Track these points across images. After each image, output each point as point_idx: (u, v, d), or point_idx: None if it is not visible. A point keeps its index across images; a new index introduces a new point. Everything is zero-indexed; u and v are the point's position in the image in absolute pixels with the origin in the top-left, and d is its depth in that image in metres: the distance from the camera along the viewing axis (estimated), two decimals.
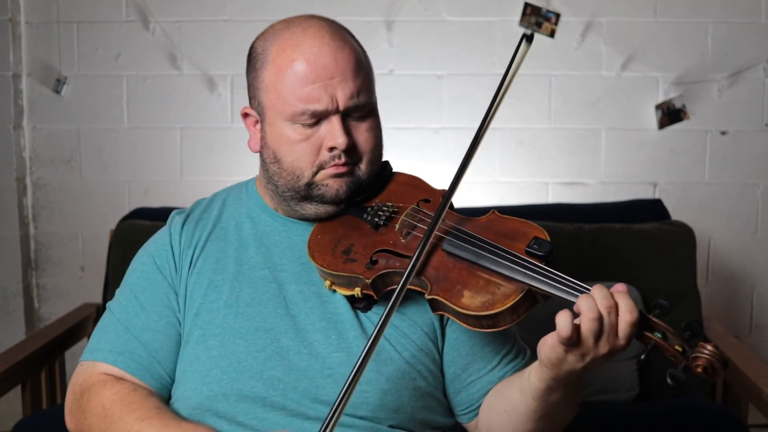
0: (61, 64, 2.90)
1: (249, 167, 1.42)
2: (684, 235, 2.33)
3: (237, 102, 2.89)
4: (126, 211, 2.64)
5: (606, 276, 2.23)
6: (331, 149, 1.30)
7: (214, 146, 2.92)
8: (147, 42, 2.87)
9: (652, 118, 2.86)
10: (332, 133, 1.29)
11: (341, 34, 1.32)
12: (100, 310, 2.48)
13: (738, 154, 2.87)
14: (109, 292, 2.33)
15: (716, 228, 2.90)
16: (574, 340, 1.09)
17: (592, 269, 2.24)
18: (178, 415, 1.30)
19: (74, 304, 2.73)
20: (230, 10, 2.87)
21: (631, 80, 2.85)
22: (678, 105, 2.82)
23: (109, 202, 2.93)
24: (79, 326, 2.43)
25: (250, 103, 1.38)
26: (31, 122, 2.93)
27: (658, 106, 2.84)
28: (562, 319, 1.09)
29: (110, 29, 2.88)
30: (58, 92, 2.89)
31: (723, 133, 2.87)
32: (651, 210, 2.48)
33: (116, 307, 1.39)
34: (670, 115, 2.84)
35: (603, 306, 1.09)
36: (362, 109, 1.32)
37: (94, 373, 1.34)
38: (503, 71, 1.27)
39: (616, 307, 1.09)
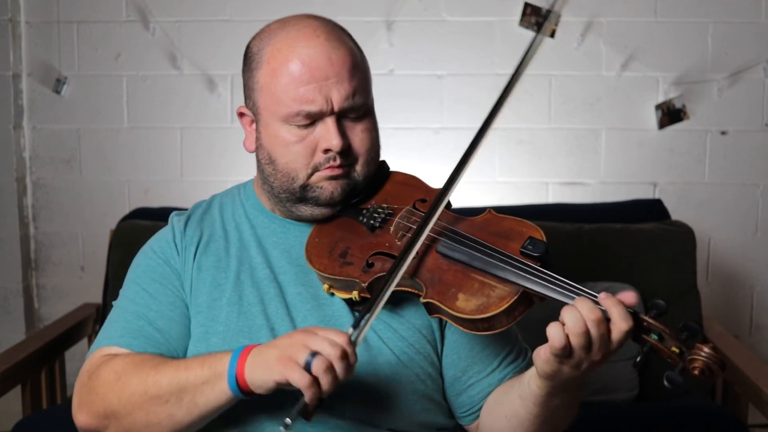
0: (61, 64, 2.90)
1: (249, 167, 1.42)
2: (684, 235, 2.33)
3: (237, 102, 2.88)
4: (126, 211, 2.63)
5: (606, 276, 2.23)
6: (326, 151, 1.28)
7: (214, 146, 2.92)
8: (147, 42, 2.87)
9: (652, 118, 2.86)
10: (327, 134, 1.27)
11: (337, 34, 1.30)
12: (100, 310, 2.47)
13: (738, 154, 2.87)
14: (109, 292, 2.33)
15: (716, 228, 2.89)
16: (567, 351, 1.08)
17: (592, 269, 2.24)
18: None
19: (74, 304, 2.73)
20: (230, 10, 2.87)
21: (631, 80, 2.85)
22: (678, 105, 2.82)
23: (109, 202, 2.93)
24: (79, 326, 2.43)
25: (246, 102, 1.36)
26: (31, 122, 2.93)
27: (658, 106, 2.84)
28: (554, 330, 1.08)
29: (110, 29, 2.88)
30: (58, 92, 2.89)
31: (723, 133, 2.87)
32: (651, 210, 2.48)
33: (123, 301, 1.36)
34: (670, 115, 2.83)
35: (589, 319, 1.07)
36: (358, 110, 1.30)
37: (101, 356, 1.30)
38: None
39: (603, 317, 1.08)
